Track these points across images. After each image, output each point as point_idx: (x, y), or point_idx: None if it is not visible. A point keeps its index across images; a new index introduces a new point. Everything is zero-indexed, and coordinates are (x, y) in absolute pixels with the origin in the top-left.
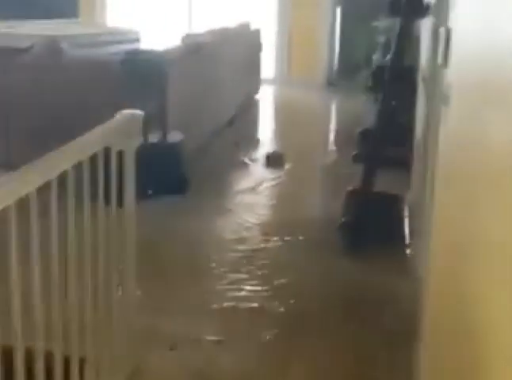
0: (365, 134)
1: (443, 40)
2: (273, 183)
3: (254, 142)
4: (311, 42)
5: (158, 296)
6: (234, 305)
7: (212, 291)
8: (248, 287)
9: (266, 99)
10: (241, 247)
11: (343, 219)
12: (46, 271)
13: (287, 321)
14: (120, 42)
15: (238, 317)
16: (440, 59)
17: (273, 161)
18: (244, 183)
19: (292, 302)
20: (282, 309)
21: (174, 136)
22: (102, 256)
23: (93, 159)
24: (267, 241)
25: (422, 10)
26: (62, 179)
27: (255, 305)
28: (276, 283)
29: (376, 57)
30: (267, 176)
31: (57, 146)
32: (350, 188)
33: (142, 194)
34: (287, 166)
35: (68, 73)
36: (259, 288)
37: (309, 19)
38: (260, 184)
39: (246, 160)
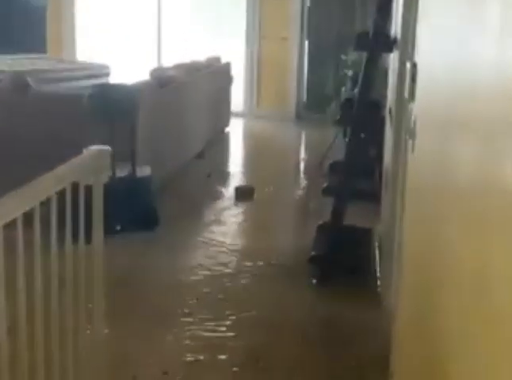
0: (335, 167)
1: (409, 75)
2: (243, 216)
3: (224, 175)
4: (280, 75)
5: (125, 337)
6: (202, 346)
7: (179, 334)
8: (214, 324)
9: (236, 132)
10: (209, 281)
11: (313, 253)
12: (12, 308)
13: (255, 355)
14: (89, 76)
15: (202, 360)
16: (406, 93)
17: (243, 193)
18: (214, 216)
19: (259, 335)
20: (249, 343)
21: (143, 170)
22: (70, 293)
23: (60, 195)
24: (236, 274)
25: (388, 45)
26: (29, 215)
27: (218, 342)
28: (244, 315)
29: (344, 90)
30: (237, 209)
31: (23, 182)
32: (320, 221)
33: (110, 229)
34: (256, 199)
35: (35, 108)
36: (226, 324)
37: (278, 52)
38: (230, 216)
39: (218, 191)
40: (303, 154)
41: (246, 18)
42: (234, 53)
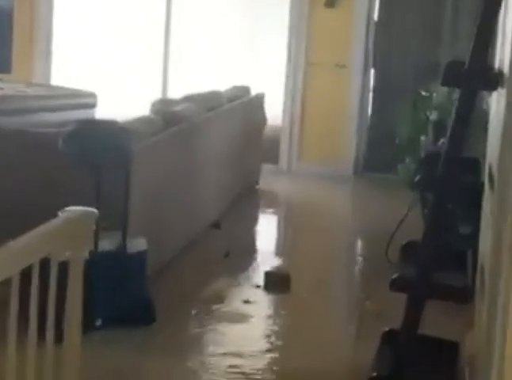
0: (409, 251)
1: None
2: (274, 314)
3: (248, 255)
4: (333, 116)
5: None
6: None
7: None
8: None
9: (268, 193)
10: None
11: (375, 373)
12: None
13: None
14: (67, 107)
15: None
16: None
17: (275, 283)
18: (233, 311)
19: None
20: None
21: (137, 243)
22: None
23: (25, 274)
24: None
25: (491, 80)
26: None
27: None
28: None
29: (424, 140)
30: (265, 303)
31: None
32: (385, 328)
33: (89, 324)
34: (293, 291)
35: None
36: None
37: (330, 84)
38: (254, 314)
39: (239, 278)
40: (361, 229)
41: (288, 37)
42: (270, 85)
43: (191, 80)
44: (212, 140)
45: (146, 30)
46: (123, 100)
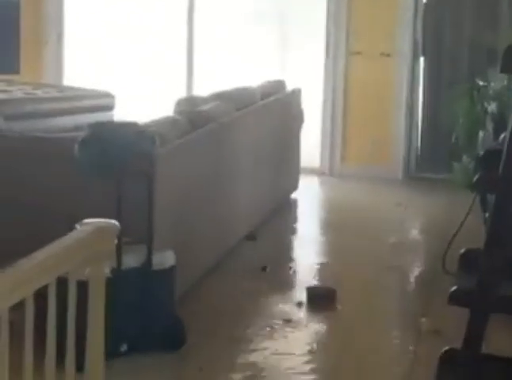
0: (469, 260)
1: None
2: (319, 334)
3: (288, 269)
4: (379, 111)
5: None
6: None
7: None
8: None
9: (308, 199)
10: None
11: None
12: None
13: None
14: (83, 110)
15: None
16: None
17: (319, 299)
18: (270, 334)
19: None
20: None
21: (164, 258)
22: None
23: (40, 295)
24: None
25: None
26: None
27: None
28: None
29: (483, 135)
30: (307, 322)
31: None
32: (445, 347)
33: (112, 350)
34: (339, 309)
35: (1, 157)
36: None
37: (375, 76)
38: (297, 335)
39: (278, 294)
40: (415, 237)
41: (326, 23)
42: (307, 78)
43: (219, 75)
44: (244, 142)
45: (167, 23)
46: (143, 101)
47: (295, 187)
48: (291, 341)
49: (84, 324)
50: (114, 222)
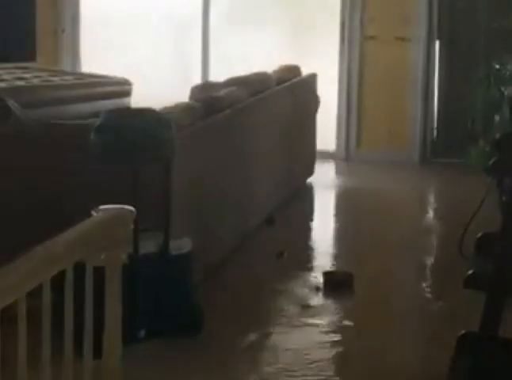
0: (485, 244)
1: None
2: (337, 319)
3: (305, 254)
4: (395, 96)
5: None
6: None
7: None
8: None
9: (325, 184)
10: None
11: None
12: None
13: None
14: (100, 97)
15: None
16: None
17: (336, 283)
18: (291, 318)
19: None
20: None
21: (181, 244)
22: None
23: (58, 281)
24: None
25: None
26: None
27: None
28: None
29: (499, 119)
30: (325, 307)
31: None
32: (462, 331)
33: (130, 336)
34: (356, 294)
35: (17, 146)
36: None
37: (391, 60)
38: (315, 321)
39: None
40: (431, 222)
41: (341, 8)
42: (322, 63)
43: (235, 61)
44: (261, 127)
45: (182, 7)
46: (159, 88)
47: (311, 172)
48: (309, 327)
49: (101, 310)
50: (130, 208)
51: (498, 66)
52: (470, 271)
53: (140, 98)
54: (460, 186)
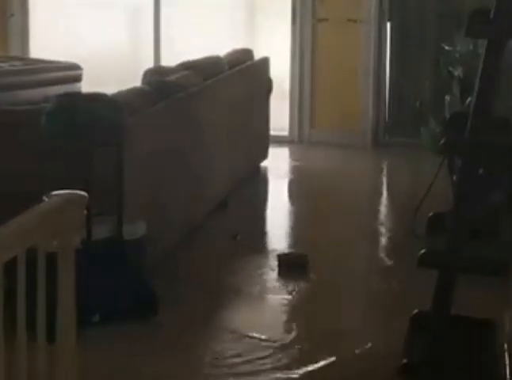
0: (437, 223)
1: None
2: (289, 301)
3: (259, 236)
4: (347, 78)
5: None
6: None
7: None
8: None
9: (278, 168)
10: None
11: (405, 360)
12: None
13: None
14: (49, 82)
15: None
16: None
17: (290, 265)
18: (245, 300)
19: None
20: None
21: (135, 228)
22: None
23: (9, 268)
24: None
25: None
26: None
27: None
28: None
29: (449, 99)
30: (279, 289)
31: None
32: (415, 310)
33: (85, 320)
34: (311, 274)
35: None
36: None
37: (343, 42)
38: (269, 302)
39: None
40: (384, 202)
41: None
42: (274, 46)
43: (186, 45)
44: (214, 111)
45: None
46: (110, 73)
47: (265, 155)
48: (263, 308)
49: (55, 295)
50: (83, 193)
51: (447, 48)
52: (422, 251)
53: (91, 83)
54: (412, 166)
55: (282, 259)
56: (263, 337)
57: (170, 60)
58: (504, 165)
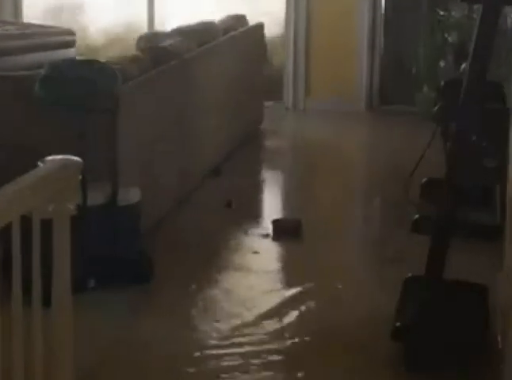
0: (431, 189)
1: None
2: (283, 264)
3: (253, 202)
4: (341, 45)
5: None
6: None
7: None
8: None
9: (273, 134)
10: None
11: (398, 323)
12: None
13: None
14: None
15: None
16: None
17: (284, 230)
18: (239, 265)
19: None
20: None
21: (130, 195)
22: None
23: (4, 235)
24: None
25: None
26: None
27: None
28: None
29: (443, 66)
30: (275, 253)
31: None
32: (408, 274)
33: (80, 286)
34: (305, 238)
35: None
36: None
37: (336, 8)
38: (264, 266)
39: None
40: (378, 168)
41: None
42: (268, 12)
43: (181, 11)
44: (208, 78)
45: None
46: (105, 37)
47: (259, 122)
48: (257, 273)
49: (51, 260)
50: (77, 158)
51: (442, 13)
52: (416, 216)
53: (86, 49)
54: (406, 132)
55: (276, 224)
56: (252, 307)
57: (164, 26)
58: (497, 130)
